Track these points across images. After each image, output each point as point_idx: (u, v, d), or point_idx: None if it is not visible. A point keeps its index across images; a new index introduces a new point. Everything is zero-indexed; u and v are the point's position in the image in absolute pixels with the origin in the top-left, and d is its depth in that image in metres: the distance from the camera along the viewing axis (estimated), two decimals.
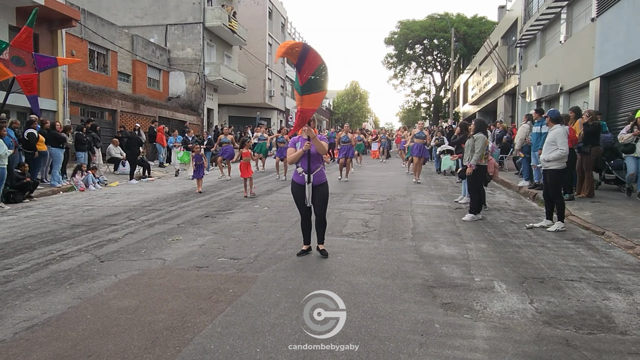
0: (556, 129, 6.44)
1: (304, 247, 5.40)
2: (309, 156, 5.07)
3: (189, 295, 4.04)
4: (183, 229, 7.01)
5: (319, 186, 5.15)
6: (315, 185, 5.12)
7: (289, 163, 5.44)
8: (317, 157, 5.19)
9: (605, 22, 13.33)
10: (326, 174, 5.38)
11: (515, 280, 4.42)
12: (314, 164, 5.14)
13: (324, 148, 5.14)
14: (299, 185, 5.21)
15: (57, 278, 4.60)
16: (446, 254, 5.37)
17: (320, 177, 5.18)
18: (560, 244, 5.91)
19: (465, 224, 7.16)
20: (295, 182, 5.28)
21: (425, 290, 4.12)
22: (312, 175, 5.08)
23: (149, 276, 4.63)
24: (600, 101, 13.69)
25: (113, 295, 4.08)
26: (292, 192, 5.34)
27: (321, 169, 5.24)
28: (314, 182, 5.11)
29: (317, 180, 5.14)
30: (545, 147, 6.54)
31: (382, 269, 4.77)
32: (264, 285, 4.27)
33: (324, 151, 5.14)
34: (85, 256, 5.44)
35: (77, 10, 16.07)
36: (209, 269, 4.85)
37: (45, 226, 7.35)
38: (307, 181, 5.07)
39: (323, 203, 5.19)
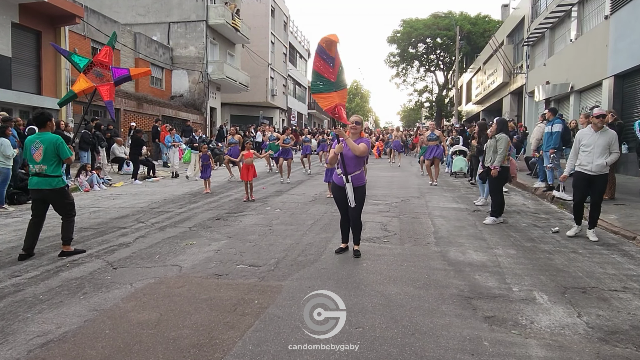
0: (610, 132, 6.08)
1: (342, 245, 5.49)
2: (343, 158, 5.07)
3: (212, 307, 3.79)
4: (195, 232, 6.76)
5: (355, 189, 5.11)
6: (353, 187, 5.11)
7: (329, 165, 5.52)
8: (354, 159, 5.11)
9: (620, 19, 13.08)
10: None
11: (555, 290, 4.18)
12: (351, 166, 5.10)
13: (358, 149, 5.01)
14: (338, 187, 5.27)
15: (69, 287, 4.35)
16: (475, 261, 5.12)
17: (357, 181, 5.14)
18: (592, 249, 5.67)
19: (488, 228, 6.91)
20: (334, 182, 5.36)
21: (463, 302, 3.87)
22: (349, 177, 5.06)
23: (166, 285, 4.38)
24: (614, 100, 13.46)
25: (131, 306, 3.83)
26: (332, 191, 5.46)
27: (360, 173, 5.18)
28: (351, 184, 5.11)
29: (354, 183, 5.11)
30: (597, 151, 5.96)
31: (412, 277, 4.52)
32: (290, 296, 4.02)
33: (359, 152, 5.02)
34: (97, 262, 5.18)
35: (80, 7, 15.79)
36: (229, 277, 4.59)
37: (51, 229, 7.08)
38: (347, 181, 5.08)
39: (358, 206, 5.19)
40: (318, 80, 5.06)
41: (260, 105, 34.83)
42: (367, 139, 5.30)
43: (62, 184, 5.52)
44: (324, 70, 4.97)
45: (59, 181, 5.45)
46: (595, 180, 6.04)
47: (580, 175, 6.14)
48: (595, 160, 5.98)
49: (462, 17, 41.43)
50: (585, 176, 6.08)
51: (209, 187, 11.19)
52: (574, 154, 6.26)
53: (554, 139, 9.36)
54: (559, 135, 9.33)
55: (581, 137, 6.18)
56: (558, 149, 9.51)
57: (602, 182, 6.10)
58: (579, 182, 6.22)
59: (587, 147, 6.03)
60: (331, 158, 5.22)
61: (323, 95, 5.07)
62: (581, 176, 6.14)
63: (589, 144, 6.03)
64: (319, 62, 4.96)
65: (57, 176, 5.44)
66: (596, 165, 5.98)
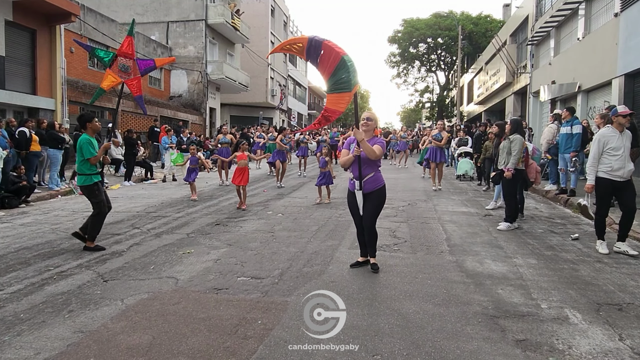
0: (628, 132, 5.54)
1: (359, 259, 5.00)
2: (359, 161, 4.62)
3: (211, 328, 3.41)
4: (193, 239, 6.38)
5: (370, 193, 4.69)
6: (366, 193, 4.68)
7: (341, 166, 5.01)
8: (369, 162, 4.67)
9: (631, 17, 12.70)
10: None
11: (588, 307, 3.80)
12: (366, 169, 4.67)
13: (375, 153, 4.55)
14: (351, 193, 4.82)
15: (54, 303, 3.96)
16: (495, 272, 4.75)
17: (372, 184, 4.69)
18: (618, 259, 5.29)
19: (503, 235, 6.53)
20: (349, 189, 4.89)
21: (490, 322, 3.49)
22: (362, 182, 4.64)
23: (160, 301, 3.99)
24: (624, 100, 13.05)
25: (120, 328, 3.44)
26: (347, 199, 4.93)
27: (375, 175, 4.72)
28: (365, 189, 4.67)
29: (369, 187, 4.68)
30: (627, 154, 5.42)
31: (430, 292, 4.14)
32: (297, 315, 3.63)
33: (374, 156, 4.57)
34: (87, 274, 4.80)
35: (76, 5, 15.40)
36: (230, 292, 4.21)
37: (42, 235, 6.72)
38: (358, 188, 4.66)
39: (372, 212, 4.72)
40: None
41: (260, 105, 34.45)
42: (381, 140, 4.81)
43: (87, 181, 5.88)
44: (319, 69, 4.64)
45: (85, 179, 5.88)
46: (625, 186, 5.44)
47: (608, 183, 5.43)
48: (627, 164, 5.38)
49: (464, 17, 41.06)
50: (615, 184, 5.41)
51: (196, 193, 10.29)
52: (597, 159, 5.49)
53: (574, 141, 8.97)
54: (580, 137, 8.95)
55: (606, 139, 5.47)
56: (580, 151, 9.13)
57: (633, 186, 5.51)
58: (607, 191, 5.51)
59: (617, 151, 5.37)
60: (345, 160, 4.73)
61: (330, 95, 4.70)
62: (609, 184, 5.44)
63: (617, 147, 5.37)
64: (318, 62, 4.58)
65: (81, 174, 5.89)
66: (628, 170, 5.39)
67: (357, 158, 4.61)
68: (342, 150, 4.89)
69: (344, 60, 4.45)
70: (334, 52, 4.45)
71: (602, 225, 5.63)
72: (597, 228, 5.67)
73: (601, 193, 5.55)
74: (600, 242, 5.63)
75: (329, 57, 4.47)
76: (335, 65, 4.47)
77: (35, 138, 10.58)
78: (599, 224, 5.64)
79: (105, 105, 18.00)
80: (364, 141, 4.52)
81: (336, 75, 4.50)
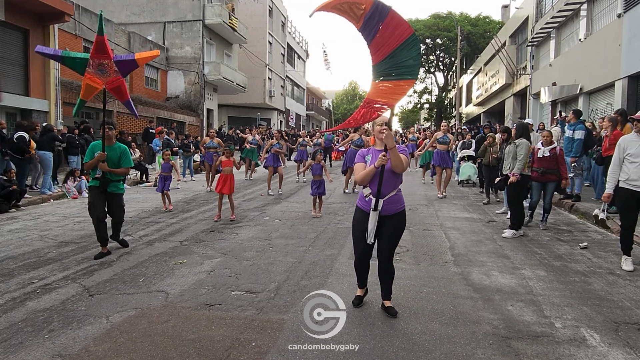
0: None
1: (359, 293, 4.01)
2: (382, 174, 3.57)
3: (201, 351, 3.15)
4: (187, 248, 6.12)
5: (390, 217, 3.67)
6: (384, 216, 3.66)
7: (357, 183, 4.02)
8: (393, 176, 3.66)
9: (634, 17, 12.50)
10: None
11: (605, 326, 3.56)
12: (387, 186, 3.62)
13: (403, 165, 3.58)
14: (363, 212, 3.73)
15: (34, 322, 3.70)
16: (504, 286, 4.50)
17: (394, 205, 3.68)
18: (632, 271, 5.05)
19: (509, 243, 6.29)
20: (359, 207, 3.81)
21: (501, 344, 3.24)
22: (382, 201, 3.60)
23: (148, 319, 3.73)
24: (627, 102, 12.86)
25: (103, 351, 3.18)
26: (354, 219, 3.84)
27: (397, 194, 3.74)
28: (383, 211, 3.63)
29: (389, 209, 3.66)
30: None
31: (435, 309, 3.89)
32: (294, 336, 3.38)
33: (401, 169, 3.60)
34: (72, 288, 4.54)
35: (70, 5, 15.12)
36: (222, 308, 3.96)
37: (29, 243, 6.45)
38: (374, 208, 3.60)
39: (391, 242, 3.72)
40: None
41: (258, 106, 34.18)
42: (404, 147, 3.85)
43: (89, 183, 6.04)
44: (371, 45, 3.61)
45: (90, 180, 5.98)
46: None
47: (629, 193, 4.96)
48: None
49: (463, 18, 40.92)
50: (636, 194, 4.93)
51: (170, 203, 9.28)
52: (618, 166, 5.08)
53: (575, 146, 8.73)
54: (581, 144, 8.70)
55: (626, 144, 5.01)
56: (579, 157, 8.88)
57: None
58: (628, 202, 5.01)
59: (636, 158, 4.92)
60: (365, 175, 3.64)
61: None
62: (630, 194, 4.96)
63: (636, 153, 4.92)
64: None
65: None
66: None
67: (380, 170, 3.58)
68: (356, 165, 3.79)
69: (414, 37, 3.56)
70: (402, 26, 3.51)
71: (627, 239, 5.10)
72: (622, 242, 5.17)
73: (621, 204, 5.16)
74: (625, 258, 5.11)
75: (393, 31, 3.52)
76: (399, 43, 3.53)
77: (33, 145, 10.24)
78: (624, 238, 5.13)
79: (100, 107, 17.64)
80: (395, 149, 3.49)
81: (398, 55, 3.57)
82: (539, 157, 7.02)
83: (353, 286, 4.45)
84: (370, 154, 3.77)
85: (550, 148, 6.97)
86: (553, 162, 6.95)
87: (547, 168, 6.95)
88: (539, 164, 7.02)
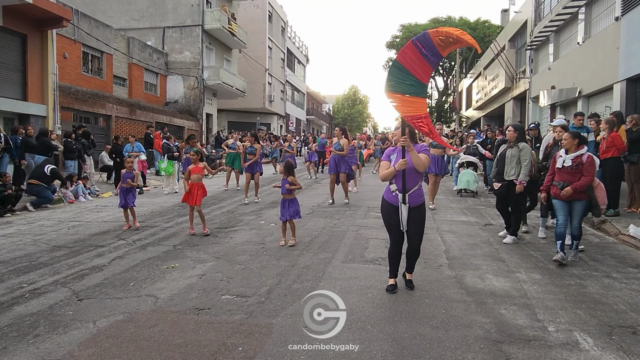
0: None
1: (391, 281, 4.43)
2: (404, 174, 4.16)
3: (186, 356, 3.10)
4: (180, 252, 6.07)
5: (414, 209, 4.27)
6: (410, 208, 4.24)
7: (381, 179, 4.36)
8: (415, 174, 4.25)
9: (632, 20, 12.47)
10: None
11: (599, 330, 3.50)
12: (411, 182, 4.23)
13: (423, 164, 4.15)
14: (391, 205, 4.33)
15: (20, 327, 3.66)
16: (498, 289, 4.45)
17: (416, 198, 4.27)
18: (627, 273, 4.99)
19: (505, 246, 6.22)
20: (386, 200, 4.40)
21: (493, 349, 3.18)
22: (407, 196, 4.19)
23: (136, 324, 3.68)
24: (626, 105, 12.81)
25: (87, 356, 3.13)
26: (382, 211, 4.48)
27: (419, 188, 4.32)
28: (410, 203, 4.24)
29: (413, 202, 4.25)
30: None
31: (427, 312, 3.84)
32: (282, 340, 3.33)
33: (423, 167, 4.18)
34: (61, 292, 4.49)
35: (68, 10, 15.12)
36: (212, 312, 3.91)
37: (22, 248, 6.41)
38: (403, 201, 4.20)
39: (419, 230, 4.35)
40: (404, 77, 4.02)
41: (257, 111, 34.22)
42: (425, 147, 4.34)
43: None
44: (418, 68, 3.97)
45: None
46: None
47: None
48: None
49: (462, 22, 40.95)
50: None
51: (135, 220, 7.68)
52: None
53: None
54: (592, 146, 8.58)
55: None
56: None
57: None
58: None
59: None
60: (387, 174, 4.24)
61: (410, 98, 4.07)
62: None
63: None
64: (414, 55, 3.94)
65: None
66: None
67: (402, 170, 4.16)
68: (382, 163, 4.44)
69: None
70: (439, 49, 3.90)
71: None
72: None
73: None
74: None
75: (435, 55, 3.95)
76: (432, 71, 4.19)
77: None
78: None
79: (99, 112, 17.70)
80: (414, 151, 4.10)
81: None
82: (558, 168, 5.50)
83: (345, 289, 4.41)
84: (395, 153, 4.32)
85: (573, 156, 5.38)
86: (578, 176, 5.33)
87: (570, 183, 5.36)
88: (559, 177, 5.48)
